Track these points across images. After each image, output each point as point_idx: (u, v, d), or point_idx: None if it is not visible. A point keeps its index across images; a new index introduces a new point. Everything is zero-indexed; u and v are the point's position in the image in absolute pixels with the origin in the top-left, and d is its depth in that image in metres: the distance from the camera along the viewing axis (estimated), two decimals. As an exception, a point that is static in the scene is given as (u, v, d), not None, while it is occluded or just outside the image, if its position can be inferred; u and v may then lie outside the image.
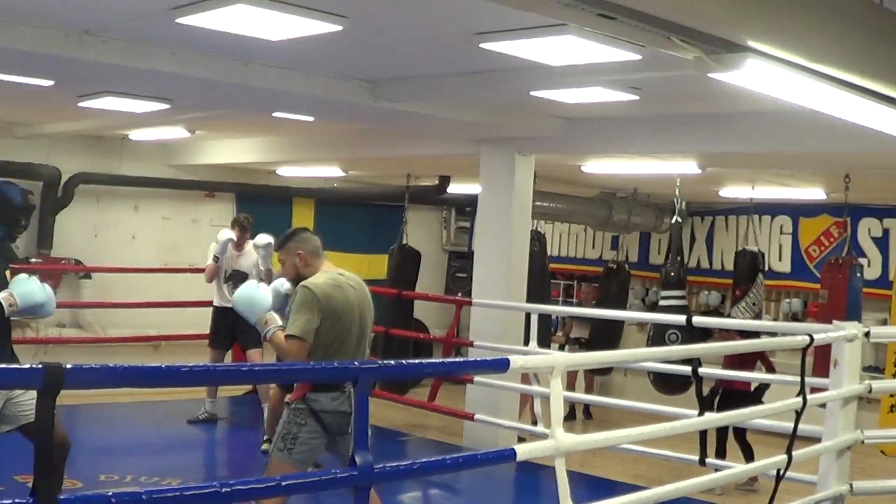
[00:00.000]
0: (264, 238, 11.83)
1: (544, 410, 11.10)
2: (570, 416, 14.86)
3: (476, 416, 11.60)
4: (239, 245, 12.07)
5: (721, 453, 10.71)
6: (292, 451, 6.59)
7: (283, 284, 7.23)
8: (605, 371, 15.86)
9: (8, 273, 7.26)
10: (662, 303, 13.79)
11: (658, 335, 12.97)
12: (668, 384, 12.79)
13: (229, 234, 12.23)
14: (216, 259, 12.23)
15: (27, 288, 6.88)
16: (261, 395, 11.94)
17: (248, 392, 13.63)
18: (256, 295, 6.88)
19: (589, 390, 15.70)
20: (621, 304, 16.09)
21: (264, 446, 11.12)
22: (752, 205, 15.51)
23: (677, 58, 6.29)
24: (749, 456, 10.70)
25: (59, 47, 7.87)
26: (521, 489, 10.70)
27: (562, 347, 15.08)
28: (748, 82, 6.68)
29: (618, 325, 15.68)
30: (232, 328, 11.86)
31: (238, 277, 11.87)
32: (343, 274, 7.04)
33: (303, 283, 6.74)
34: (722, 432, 10.90)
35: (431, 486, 8.71)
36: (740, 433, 10.99)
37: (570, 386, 14.81)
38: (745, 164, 12.31)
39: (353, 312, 6.80)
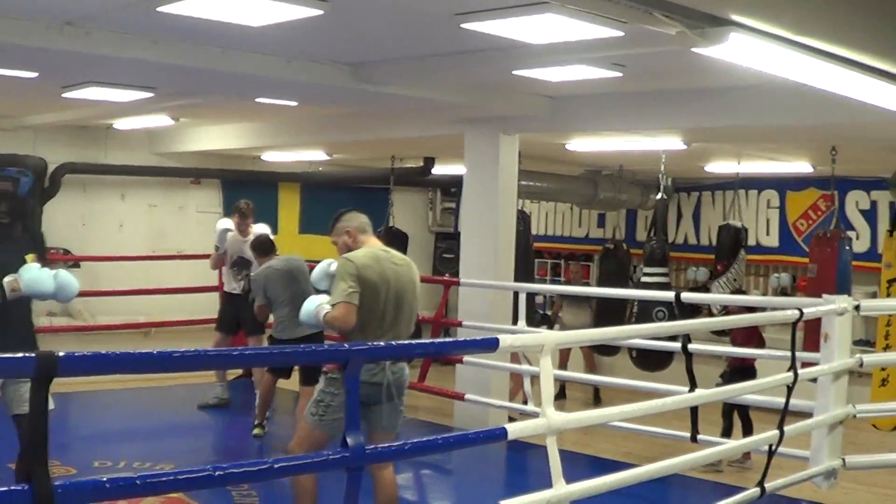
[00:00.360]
0: (260, 227, 12.01)
1: (534, 390, 11.14)
2: (560, 396, 14.87)
3: (466, 397, 11.64)
4: (242, 231, 12.10)
5: (728, 432, 10.73)
6: (323, 419, 6.87)
7: (330, 265, 7.59)
8: (612, 351, 15.59)
9: (31, 257, 7.28)
10: (645, 279, 13.80)
11: (644, 312, 13.01)
12: (650, 361, 12.83)
13: (226, 223, 12.34)
14: (217, 248, 12.34)
15: (34, 276, 6.95)
16: (255, 381, 11.98)
17: (240, 376, 13.65)
18: (307, 303, 7.23)
19: (591, 371, 15.60)
20: (622, 284, 15.94)
21: (255, 431, 11.17)
22: (738, 179, 15.52)
23: (660, 33, 6.32)
24: (748, 432, 10.71)
25: (42, 39, 7.87)
26: (513, 468, 10.73)
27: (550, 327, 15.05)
28: (732, 56, 6.71)
29: (621, 305, 15.50)
30: (237, 314, 12.02)
31: (242, 264, 11.96)
32: (387, 251, 7.27)
33: (345, 255, 7.03)
34: (728, 411, 10.91)
35: (423, 467, 8.74)
36: (744, 408, 10.95)
37: (563, 366, 14.86)
38: (731, 139, 12.32)
39: (389, 286, 6.98)
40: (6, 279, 6.92)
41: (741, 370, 10.68)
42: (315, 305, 7.16)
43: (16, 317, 7.27)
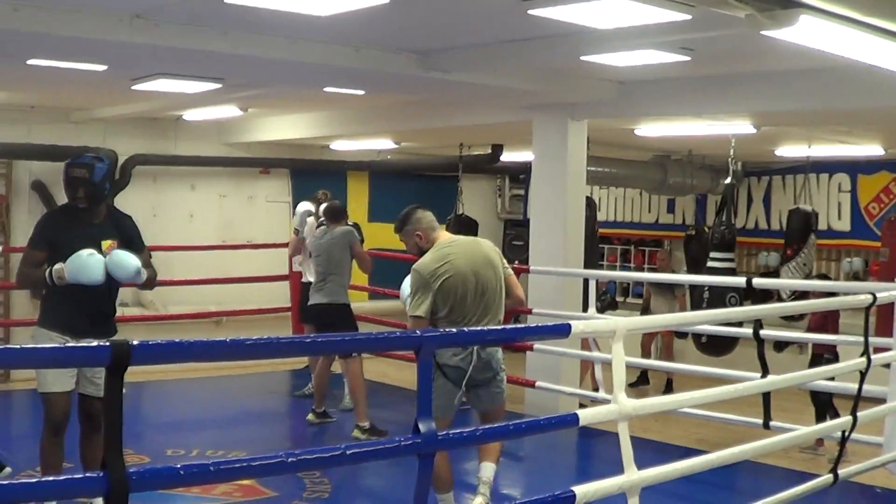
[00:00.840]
0: (302, 205, 12.07)
1: (606, 376, 11.12)
2: (640, 382, 14.81)
3: (537, 383, 11.63)
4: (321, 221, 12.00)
5: (822, 419, 10.60)
6: (433, 404, 6.89)
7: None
8: (684, 336, 15.43)
9: (108, 243, 7.41)
10: (711, 264, 13.66)
11: (716, 298, 12.86)
12: (716, 346, 12.74)
13: (307, 205, 12.29)
14: (296, 232, 12.34)
15: (78, 265, 7.07)
16: (310, 367, 12.06)
17: (308, 365, 13.72)
18: (404, 288, 7.79)
19: (668, 359, 15.49)
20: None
21: (309, 416, 11.26)
22: (808, 163, 15.38)
23: (729, 16, 6.27)
24: (822, 419, 10.56)
25: (112, 32, 7.94)
26: (584, 455, 10.73)
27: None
28: (802, 39, 6.65)
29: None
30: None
31: None
32: (455, 241, 7.60)
33: (417, 264, 7.36)
34: (818, 398, 10.77)
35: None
36: (825, 396, 10.77)
37: (647, 352, 14.83)
38: (801, 123, 12.22)
39: (465, 277, 7.29)
40: (55, 266, 7.09)
41: (823, 357, 10.51)
42: (406, 297, 7.63)
43: (98, 300, 7.42)
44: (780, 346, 10.94)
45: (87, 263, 7.11)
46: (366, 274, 11.76)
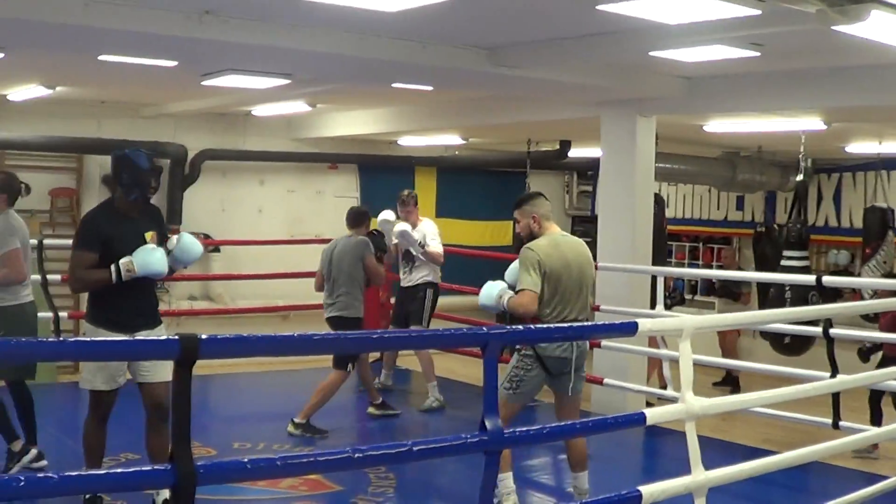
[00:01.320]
0: (384, 214, 12.02)
1: (673, 374, 11.06)
2: (726, 383, 14.71)
3: (605, 381, 11.59)
4: (408, 221, 11.92)
5: (877, 419, 10.49)
6: (516, 392, 7.54)
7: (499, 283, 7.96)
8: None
9: (151, 235, 7.53)
10: (784, 263, 13.52)
11: (797, 297, 12.69)
12: (795, 347, 12.62)
13: (388, 214, 12.21)
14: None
15: (146, 258, 7.22)
16: (384, 362, 12.11)
17: (377, 360, 13.72)
18: (487, 287, 7.84)
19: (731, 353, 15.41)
20: (776, 268, 15.57)
21: (370, 410, 11.33)
22: (879, 160, 15.22)
23: (799, 11, 6.22)
24: (877, 421, 10.45)
25: (181, 28, 7.99)
26: (650, 454, 10.68)
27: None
28: (873, 34, 6.58)
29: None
30: (403, 306, 12.23)
31: (408, 256, 12.04)
32: (565, 236, 8.01)
33: (528, 245, 7.68)
34: (875, 397, 10.66)
35: (561, 452, 8.71)
36: (879, 395, 10.66)
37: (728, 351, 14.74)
38: (872, 119, 12.09)
39: (571, 269, 7.66)
40: (122, 261, 7.18)
41: (892, 359, 10.33)
42: (498, 290, 7.73)
43: (147, 293, 7.59)
44: (866, 354, 10.80)
45: (154, 256, 7.26)
46: (377, 286, 11.71)
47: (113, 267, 7.17)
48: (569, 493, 8.19)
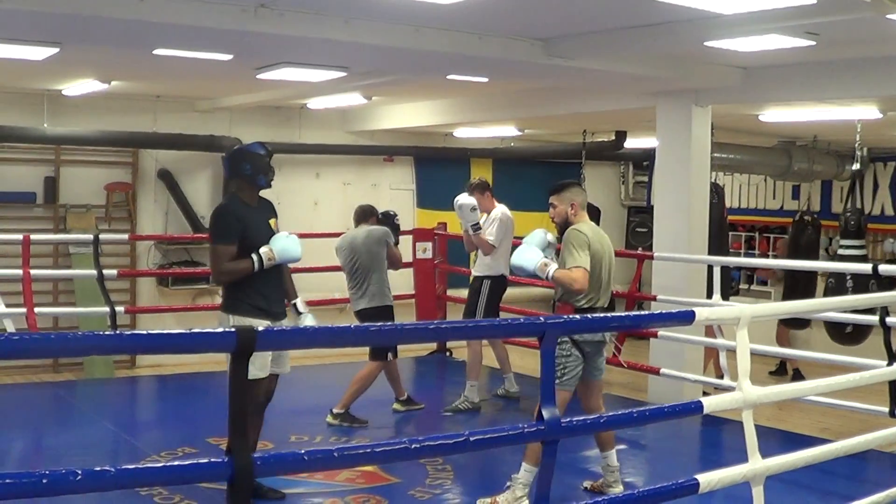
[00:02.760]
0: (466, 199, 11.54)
1: (730, 363, 11.03)
2: (781, 372, 14.68)
3: (661, 371, 11.57)
4: (483, 208, 11.51)
5: None
6: (563, 379, 7.53)
7: (547, 234, 8.31)
8: (803, 324, 15.24)
9: (273, 222, 7.93)
10: (841, 252, 13.46)
11: (859, 286, 12.62)
12: (845, 335, 12.57)
13: (469, 199, 11.69)
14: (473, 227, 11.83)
15: (285, 245, 7.63)
16: (501, 369, 12.08)
17: (433, 352, 13.75)
18: (529, 250, 8.00)
19: (783, 345, 15.37)
20: (813, 257, 15.53)
21: (395, 406, 11.28)
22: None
23: (854, 0, 6.19)
24: None
25: (237, 22, 8.04)
26: (707, 443, 10.65)
27: None
28: (930, 22, 6.54)
29: (811, 277, 15.26)
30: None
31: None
32: (597, 228, 8.19)
33: (574, 227, 7.91)
34: None
35: (617, 442, 8.69)
36: None
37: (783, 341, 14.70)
38: (929, 107, 12.02)
39: (605, 257, 7.94)
40: (262, 250, 7.51)
41: None
42: (541, 258, 7.88)
43: (281, 280, 8.05)
44: None
45: (291, 242, 7.68)
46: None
47: (255, 256, 7.47)
48: (627, 483, 8.19)
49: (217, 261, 7.60)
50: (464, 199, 11.20)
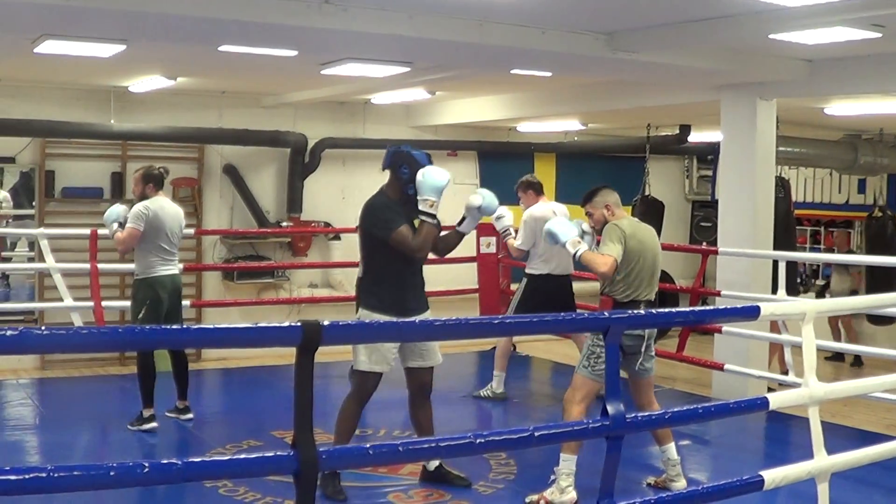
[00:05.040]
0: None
1: (796, 360, 10.97)
2: (836, 357, 14.66)
3: (726, 366, 11.51)
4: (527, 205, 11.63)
5: None
6: (594, 369, 7.53)
7: (582, 224, 8.33)
8: (886, 321, 14.94)
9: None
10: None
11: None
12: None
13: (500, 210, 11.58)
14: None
15: (429, 179, 7.89)
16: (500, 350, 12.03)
17: (495, 346, 13.74)
18: (567, 224, 8.02)
19: (852, 338, 15.29)
20: (888, 251, 15.31)
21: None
22: None
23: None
24: None
25: (302, 18, 8.09)
26: (772, 439, 10.59)
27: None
28: None
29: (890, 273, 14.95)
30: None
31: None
32: (640, 222, 8.24)
33: (612, 222, 7.95)
34: None
35: (681, 437, 8.67)
36: None
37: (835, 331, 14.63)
38: None
39: (646, 251, 7.89)
40: (420, 206, 7.80)
41: None
42: (574, 235, 7.87)
43: (420, 274, 8.14)
44: None
45: (429, 172, 7.92)
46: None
47: (422, 217, 7.79)
48: (692, 479, 8.16)
49: (405, 241, 7.72)
50: (475, 200, 10.52)
